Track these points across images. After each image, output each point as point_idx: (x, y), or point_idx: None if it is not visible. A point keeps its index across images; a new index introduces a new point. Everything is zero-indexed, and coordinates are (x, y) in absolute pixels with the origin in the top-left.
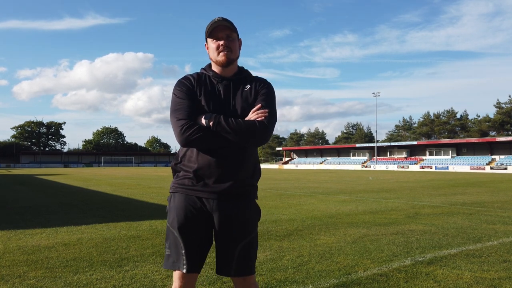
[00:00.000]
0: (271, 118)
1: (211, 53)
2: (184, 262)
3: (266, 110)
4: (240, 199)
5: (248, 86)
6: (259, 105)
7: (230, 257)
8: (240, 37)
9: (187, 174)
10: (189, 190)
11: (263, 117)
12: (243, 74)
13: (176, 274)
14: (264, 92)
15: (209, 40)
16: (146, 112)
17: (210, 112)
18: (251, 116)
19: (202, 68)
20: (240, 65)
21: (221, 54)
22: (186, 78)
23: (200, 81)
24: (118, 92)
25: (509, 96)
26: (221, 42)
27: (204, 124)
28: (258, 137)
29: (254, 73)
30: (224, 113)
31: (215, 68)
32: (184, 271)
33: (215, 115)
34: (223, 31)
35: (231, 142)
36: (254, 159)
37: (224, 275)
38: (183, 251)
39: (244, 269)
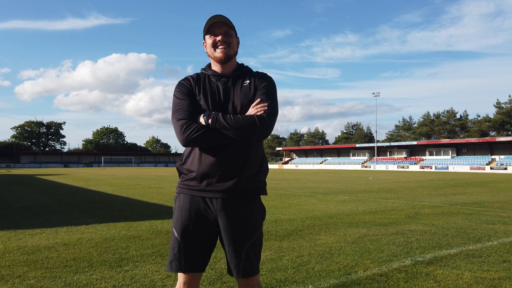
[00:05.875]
0: (271, 111)
1: (209, 50)
2: (183, 262)
3: (266, 104)
4: (246, 197)
5: (248, 81)
6: (259, 99)
7: (237, 257)
8: (238, 36)
9: (191, 174)
10: (194, 191)
11: (262, 111)
12: (243, 70)
13: (179, 274)
14: (263, 86)
15: (206, 37)
16: (147, 112)
17: (209, 110)
18: (251, 111)
19: (202, 68)
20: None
21: (219, 49)
22: (185, 79)
23: (199, 81)
24: (120, 92)
25: (509, 96)
26: (219, 38)
27: (203, 122)
28: (258, 132)
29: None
30: (224, 110)
31: (214, 66)
32: (181, 271)
33: (214, 112)
34: (220, 27)
35: (232, 139)
36: (260, 154)
37: (233, 276)
38: (182, 252)
39: (250, 270)
